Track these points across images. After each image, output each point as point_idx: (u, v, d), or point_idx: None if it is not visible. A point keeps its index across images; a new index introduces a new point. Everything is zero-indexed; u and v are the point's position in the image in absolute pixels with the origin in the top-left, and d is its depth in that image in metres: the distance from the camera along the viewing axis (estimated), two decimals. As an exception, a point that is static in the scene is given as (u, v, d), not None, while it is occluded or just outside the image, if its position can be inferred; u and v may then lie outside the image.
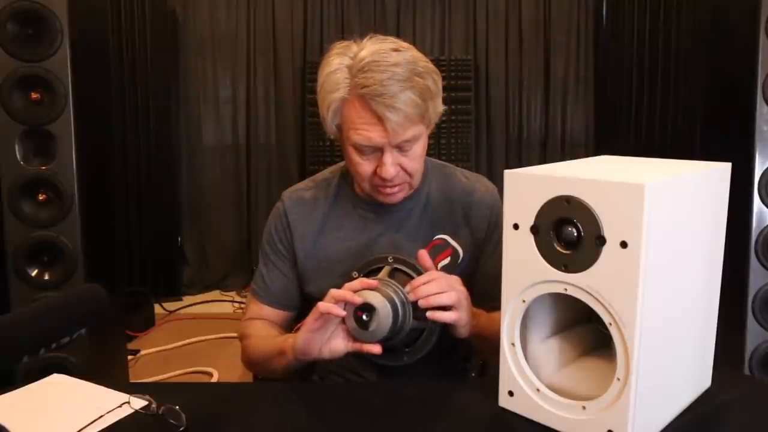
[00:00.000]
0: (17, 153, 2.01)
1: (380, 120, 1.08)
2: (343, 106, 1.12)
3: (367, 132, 1.10)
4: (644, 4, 3.53)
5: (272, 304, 1.31)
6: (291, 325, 1.37)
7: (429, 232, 1.27)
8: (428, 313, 1.01)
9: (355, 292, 0.99)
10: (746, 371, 2.06)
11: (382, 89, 1.06)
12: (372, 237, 1.26)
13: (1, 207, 2.03)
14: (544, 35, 3.99)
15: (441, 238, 1.26)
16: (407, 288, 1.02)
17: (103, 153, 2.35)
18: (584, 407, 0.87)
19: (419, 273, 1.07)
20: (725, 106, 2.22)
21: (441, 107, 1.17)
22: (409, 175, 1.17)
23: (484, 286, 1.25)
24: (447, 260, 1.26)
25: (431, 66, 1.14)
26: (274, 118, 4.06)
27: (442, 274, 1.06)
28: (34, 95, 2.01)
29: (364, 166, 1.15)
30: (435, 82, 1.13)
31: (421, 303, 1.01)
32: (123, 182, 3.61)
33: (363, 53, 1.10)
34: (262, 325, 1.30)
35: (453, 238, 1.27)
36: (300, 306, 1.34)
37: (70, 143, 2.03)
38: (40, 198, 2.05)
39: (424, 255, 1.09)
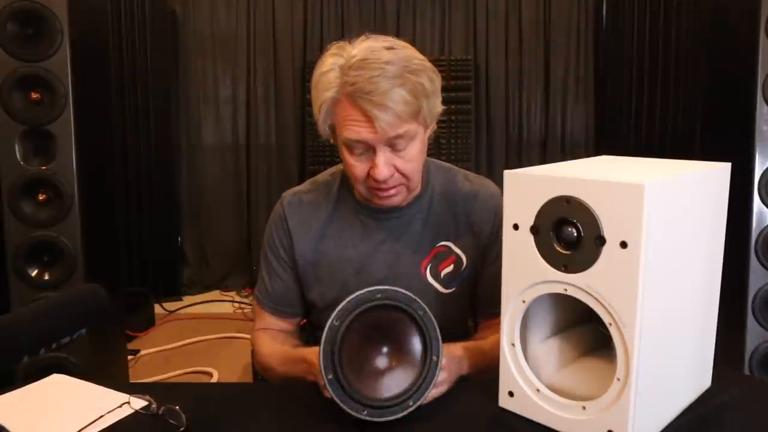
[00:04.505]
0: (17, 153, 2.01)
1: (369, 119, 1.04)
2: (333, 106, 1.09)
3: (357, 129, 1.06)
4: (644, 4, 3.53)
5: (276, 312, 1.29)
6: (298, 325, 1.35)
7: (431, 239, 1.23)
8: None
9: None
10: (746, 371, 2.06)
11: (370, 86, 1.02)
12: (373, 245, 1.23)
13: (1, 207, 2.03)
14: (544, 35, 3.99)
15: (444, 245, 1.24)
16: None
17: (103, 153, 2.35)
18: (584, 407, 0.87)
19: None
20: (725, 106, 2.22)
21: (439, 107, 1.12)
22: (405, 177, 1.12)
23: (486, 291, 1.23)
24: (450, 267, 1.24)
25: (428, 64, 1.10)
26: (274, 118, 4.06)
27: (445, 379, 1.00)
28: (34, 95, 2.01)
29: (358, 168, 1.11)
30: (431, 80, 1.09)
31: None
32: (123, 182, 3.61)
33: (355, 51, 1.07)
34: (271, 341, 1.27)
35: (456, 245, 1.24)
36: (304, 311, 1.32)
37: (70, 143, 2.03)
38: (40, 198, 2.05)
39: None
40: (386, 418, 0.92)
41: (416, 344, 0.96)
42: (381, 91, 1.02)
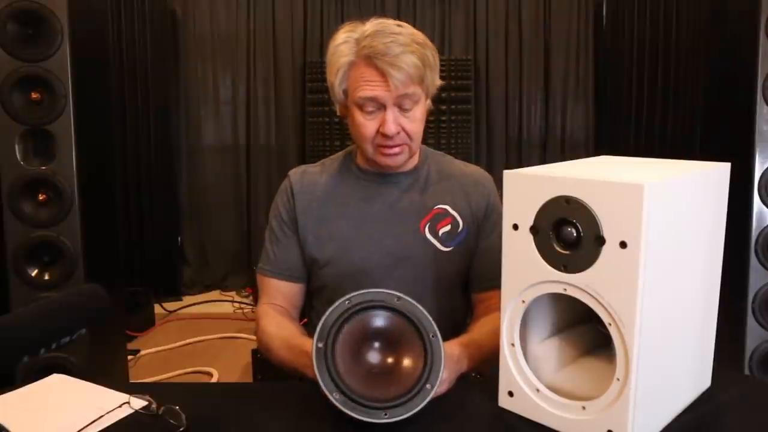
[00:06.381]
0: (17, 153, 2.01)
1: (384, 77, 1.17)
2: (350, 69, 1.21)
3: (371, 87, 1.19)
4: (644, 4, 3.53)
5: (278, 276, 1.34)
6: (302, 300, 1.37)
7: (430, 202, 1.33)
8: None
9: None
10: (746, 371, 2.06)
11: (385, 49, 1.16)
12: (374, 204, 1.32)
13: (1, 207, 2.03)
14: (544, 35, 3.99)
15: (441, 208, 1.33)
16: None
17: (103, 153, 2.35)
18: (584, 407, 0.87)
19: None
20: (725, 106, 2.22)
21: (438, 81, 1.26)
22: (409, 137, 1.24)
23: (482, 262, 1.31)
24: (448, 227, 1.31)
25: (429, 43, 1.24)
26: (274, 118, 4.06)
27: (445, 379, 1.00)
28: (34, 95, 2.02)
29: (368, 127, 1.22)
30: (433, 56, 1.23)
31: None
32: (123, 182, 3.60)
33: (368, 26, 1.22)
34: (276, 317, 1.28)
35: (453, 209, 1.33)
36: (307, 278, 1.35)
37: (70, 143, 2.03)
38: (40, 198, 2.05)
39: None
40: (354, 415, 0.89)
41: (416, 366, 0.94)
42: (394, 54, 1.16)
